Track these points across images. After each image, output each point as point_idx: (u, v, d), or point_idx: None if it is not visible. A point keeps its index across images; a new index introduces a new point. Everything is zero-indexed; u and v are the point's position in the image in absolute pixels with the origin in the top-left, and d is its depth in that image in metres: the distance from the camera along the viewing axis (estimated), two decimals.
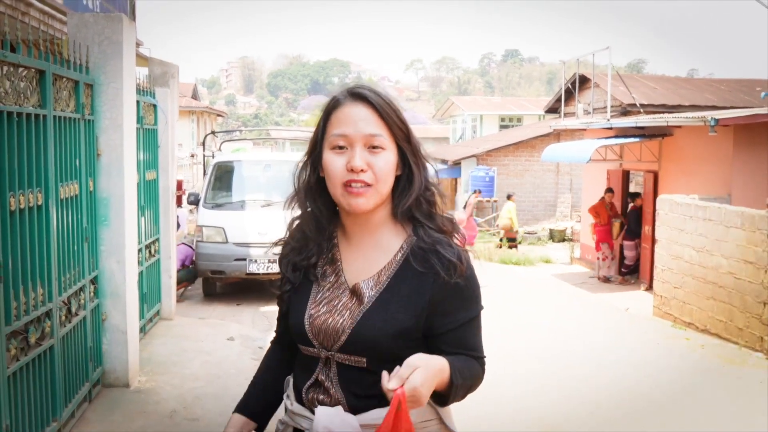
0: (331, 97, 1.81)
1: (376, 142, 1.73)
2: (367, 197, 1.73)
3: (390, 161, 1.75)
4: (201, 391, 5.94)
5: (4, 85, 3.93)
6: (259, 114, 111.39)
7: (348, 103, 1.76)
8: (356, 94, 1.76)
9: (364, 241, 1.83)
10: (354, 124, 1.73)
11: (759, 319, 7.98)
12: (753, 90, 18.01)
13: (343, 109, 1.76)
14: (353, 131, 1.72)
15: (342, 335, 1.75)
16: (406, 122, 1.79)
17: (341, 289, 1.81)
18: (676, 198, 10.15)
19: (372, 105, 1.74)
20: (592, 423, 5.78)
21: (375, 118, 1.73)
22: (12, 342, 3.95)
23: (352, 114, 1.74)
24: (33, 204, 4.27)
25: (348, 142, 1.73)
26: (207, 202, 10.94)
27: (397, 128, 1.76)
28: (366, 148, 1.73)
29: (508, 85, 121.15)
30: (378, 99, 1.75)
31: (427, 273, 1.75)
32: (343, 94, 1.78)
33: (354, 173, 1.71)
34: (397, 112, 1.77)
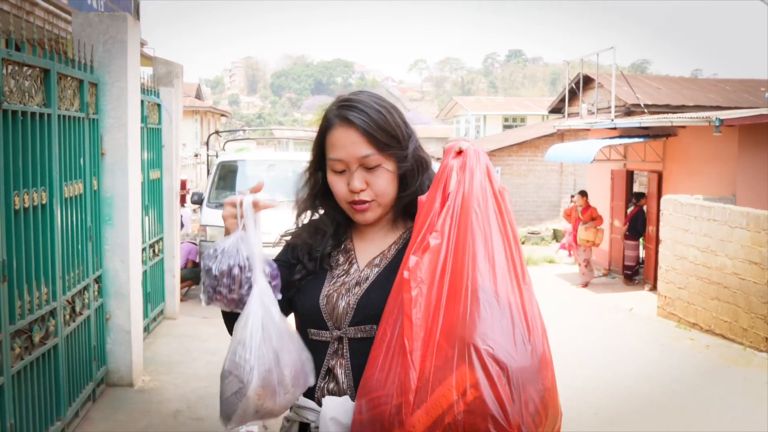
0: (324, 116, 1.87)
1: (371, 163, 1.80)
2: (371, 211, 1.84)
3: (387, 176, 1.82)
4: (205, 391, 5.93)
5: (9, 84, 3.93)
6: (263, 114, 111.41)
7: (337, 125, 1.82)
8: (343, 118, 1.81)
9: (376, 235, 1.93)
10: (345, 149, 1.80)
11: (764, 319, 7.96)
12: (757, 90, 17.98)
13: (334, 132, 1.82)
14: (345, 155, 1.80)
15: (353, 307, 1.80)
16: (397, 132, 1.82)
17: (354, 272, 1.87)
18: (680, 198, 10.13)
19: (358, 128, 1.79)
20: (597, 422, 5.77)
21: (363, 140, 1.79)
22: (16, 341, 3.95)
23: (342, 139, 1.81)
24: (37, 203, 4.27)
25: (345, 166, 1.81)
26: (211, 202, 10.94)
27: (386, 143, 1.80)
28: (362, 168, 1.80)
29: (511, 85, 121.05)
30: (362, 121, 1.79)
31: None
32: (333, 114, 1.84)
33: (355, 194, 1.81)
34: (385, 125, 1.80)
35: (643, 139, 13.08)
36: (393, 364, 1.59)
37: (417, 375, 1.53)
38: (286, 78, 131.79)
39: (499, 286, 1.59)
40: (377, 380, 1.60)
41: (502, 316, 1.56)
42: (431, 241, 1.62)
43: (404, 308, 1.59)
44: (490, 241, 1.63)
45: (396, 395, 1.55)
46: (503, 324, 1.56)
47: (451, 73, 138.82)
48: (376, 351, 1.65)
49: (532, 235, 19.61)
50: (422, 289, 1.59)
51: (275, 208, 1.88)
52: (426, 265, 1.61)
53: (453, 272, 1.60)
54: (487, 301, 1.56)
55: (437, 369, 1.52)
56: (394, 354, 1.59)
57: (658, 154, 13.19)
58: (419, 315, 1.57)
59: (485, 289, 1.57)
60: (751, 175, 10.59)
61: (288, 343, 1.69)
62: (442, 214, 1.65)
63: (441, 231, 1.63)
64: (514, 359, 1.53)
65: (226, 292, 1.71)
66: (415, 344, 1.55)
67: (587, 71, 17.66)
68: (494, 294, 1.58)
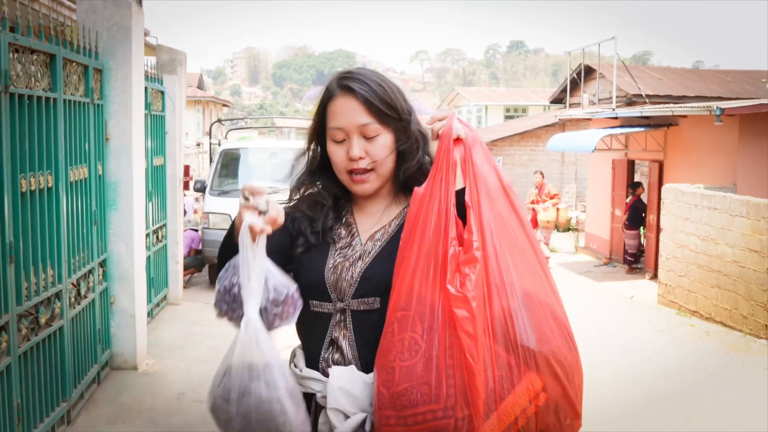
0: (326, 87, 1.91)
1: (369, 132, 1.84)
2: (370, 182, 1.87)
3: (385, 145, 1.86)
4: (208, 374, 5.90)
5: (16, 68, 3.97)
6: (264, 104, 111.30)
7: (338, 95, 1.86)
8: (344, 87, 1.86)
9: (376, 209, 1.95)
10: (346, 117, 1.84)
11: (763, 306, 8.01)
12: (758, 81, 17.98)
13: (335, 101, 1.87)
14: (346, 123, 1.84)
15: (357, 279, 1.83)
16: (395, 103, 1.86)
17: (356, 245, 1.90)
18: (681, 187, 10.17)
19: (358, 96, 1.84)
20: (596, 406, 5.82)
21: (363, 109, 1.83)
22: (23, 322, 4.00)
23: (343, 107, 1.85)
24: (43, 186, 4.32)
25: (345, 134, 1.85)
26: (213, 189, 10.98)
27: (385, 113, 1.85)
28: (361, 137, 1.84)
29: (513, 76, 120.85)
30: (363, 90, 1.83)
31: None
32: (335, 85, 1.88)
33: (354, 162, 1.84)
34: (384, 96, 1.85)
35: (644, 128, 13.10)
36: (443, 377, 1.59)
37: (483, 387, 1.58)
38: (288, 69, 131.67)
39: (537, 287, 1.69)
40: (423, 394, 1.60)
41: (548, 317, 1.67)
42: (476, 253, 1.64)
43: (461, 325, 1.59)
44: (517, 243, 1.69)
45: (460, 408, 1.57)
46: (552, 325, 1.67)
47: (452, 64, 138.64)
48: (408, 361, 1.63)
49: None
50: (478, 304, 1.61)
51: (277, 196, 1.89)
52: (476, 278, 1.62)
53: (498, 281, 1.64)
54: (533, 305, 1.65)
55: (502, 378, 1.60)
56: (441, 367, 1.60)
57: (659, 143, 13.22)
58: (480, 330, 1.60)
59: (528, 294, 1.66)
60: (752, 165, 10.62)
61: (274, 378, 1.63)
62: (472, 222, 1.66)
63: (479, 241, 1.65)
64: (567, 357, 1.66)
65: (227, 309, 1.71)
66: (479, 361, 1.58)
67: (589, 62, 17.66)
68: (536, 296, 1.67)
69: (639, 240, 13.65)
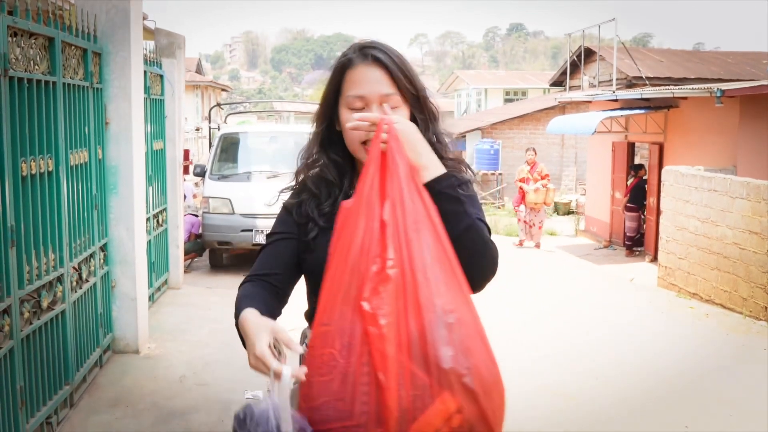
0: (342, 54, 1.89)
1: (391, 102, 1.82)
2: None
3: (404, 117, 1.84)
4: (210, 358, 6.01)
5: (15, 52, 3.96)
6: (263, 89, 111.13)
7: (360, 63, 1.84)
8: (368, 55, 1.84)
9: None
10: (369, 85, 1.82)
11: (763, 288, 8.03)
12: (759, 62, 17.95)
13: (356, 69, 1.85)
14: (369, 92, 1.82)
15: None
16: (414, 79, 1.88)
17: None
18: (681, 169, 10.16)
19: (384, 66, 1.83)
20: (597, 387, 5.85)
21: (387, 79, 1.83)
22: (25, 305, 4.01)
23: (366, 75, 1.83)
24: (44, 170, 4.31)
25: (364, 102, 1.83)
26: (213, 174, 10.97)
27: (407, 89, 1.85)
28: (381, 107, 1.82)
29: (512, 59, 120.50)
30: (389, 60, 1.83)
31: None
32: (355, 53, 1.86)
33: (371, 132, 1.79)
34: (406, 71, 1.86)
35: (644, 110, 13.07)
36: (357, 394, 1.58)
37: (396, 405, 1.55)
38: (287, 53, 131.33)
39: (457, 305, 1.63)
40: (338, 410, 1.59)
41: (467, 336, 1.62)
42: (389, 271, 1.61)
43: (373, 343, 1.57)
44: (437, 261, 1.65)
45: (373, 425, 1.56)
46: (470, 344, 1.62)
47: (451, 48, 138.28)
48: (325, 377, 1.61)
49: None
50: (390, 320, 1.58)
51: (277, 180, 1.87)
52: (387, 296, 1.59)
53: (413, 299, 1.60)
54: (451, 323, 1.60)
55: (416, 398, 1.56)
56: (356, 384, 1.58)
57: (660, 125, 13.19)
58: (392, 348, 1.57)
59: (446, 310, 1.61)
60: (752, 146, 10.61)
61: None
62: (388, 239, 1.63)
63: (395, 259, 1.62)
64: (485, 377, 1.62)
65: None
66: (391, 379, 1.56)
67: (589, 44, 17.60)
68: (454, 314, 1.62)
69: (639, 222, 13.64)
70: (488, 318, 1.80)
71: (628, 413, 5.33)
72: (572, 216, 18.52)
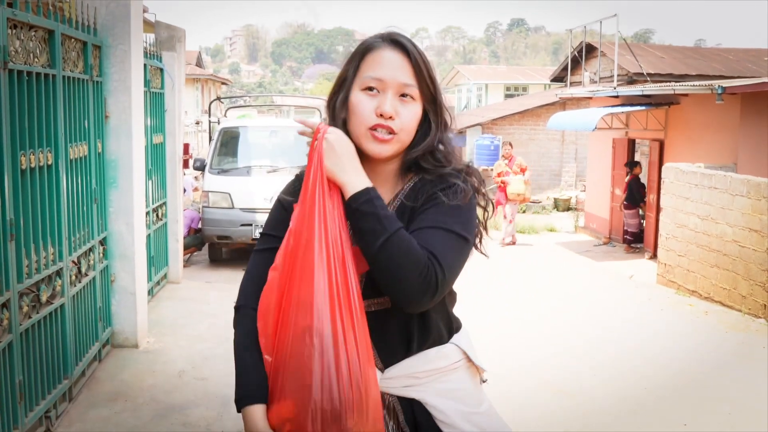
0: (366, 39, 1.82)
1: (408, 92, 1.75)
2: (390, 145, 1.75)
3: (417, 113, 1.78)
4: (209, 352, 6.01)
5: (14, 44, 3.95)
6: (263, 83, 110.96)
7: (385, 47, 1.77)
8: (395, 41, 1.78)
9: (377, 185, 1.80)
10: (390, 69, 1.75)
11: (762, 286, 8.02)
12: (760, 59, 17.91)
13: (379, 52, 1.77)
14: (389, 76, 1.74)
15: (362, 281, 1.75)
16: (435, 80, 1.81)
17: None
18: (681, 166, 10.14)
19: (409, 55, 1.77)
20: (596, 384, 5.85)
21: (410, 69, 1.76)
22: (24, 299, 4.01)
23: (389, 59, 1.76)
24: (43, 163, 4.30)
25: (381, 87, 1.74)
26: (213, 168, 10.95)
27: (427, 84, 1.78)
28: (396, 96, 1.75)
29: (513, 54, 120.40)
30: (414, 51, 1.77)
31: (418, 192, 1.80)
32: (381, 38, 1.80)
33: (383, 118, 1.73)
34: (429, 68, 1.79)
35: (645, 107, 13.04)
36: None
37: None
38: (287, 47, 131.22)
39: (335, 325, 1.63)
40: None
41: (327, 365, 1.62)
42: (271, 272, 1.72)
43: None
44: (313, 280, 1.64)
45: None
46: (326, 373, 1.62)
47: (452, 42, 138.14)
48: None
49: (533, 204, 19.63)
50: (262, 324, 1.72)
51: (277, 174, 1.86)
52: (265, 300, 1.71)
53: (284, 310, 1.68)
54: (321, 349, 1.62)
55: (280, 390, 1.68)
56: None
57: (660, 122, 13.17)
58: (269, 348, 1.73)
59: (321, 334, 1.62)
60: (753, 144, 10.59)
61: None
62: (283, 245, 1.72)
63: (280, 267, 1.70)
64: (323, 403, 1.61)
65: None
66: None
67: (590, 40, 17.55)
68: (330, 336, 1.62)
69: (638, 219, 13.62)
70: (488, 316, 1.80)
71: (628, 411, 5.33)
72: (572, 212, 18.50)
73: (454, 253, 1.68)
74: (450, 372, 1.86)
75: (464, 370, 1.90)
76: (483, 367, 1.96)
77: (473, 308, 6.79)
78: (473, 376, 1.94)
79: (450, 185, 1.76)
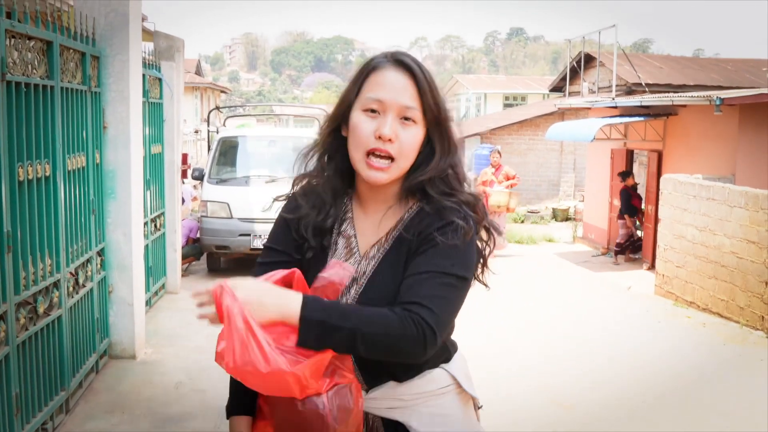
0: (371, 59, 1.78)
1: (409, 115, 1.70)
2: (386, 173, 1.71)
3: (417, 137, 1.73)
4: (207, 363, 5.98)
5: (12, 56, 3.95)
6: (263, 91, 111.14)
7: (389, 68, 1.72)
8: (400, 62, 1.73)
9: (377, 209, 1.81)
10: (392, 91, 1.69)
11: (760, 298, 8.01)
12: (759, 70, 17.95)
13: (383, 72, 1.72)
14: (390, 98, 1.69)
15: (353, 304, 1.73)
16: (440, 100, 1.75)
17: (353, 263, 1.78)
18: (679, 177, 10.15)
19: (414, 77, 1.71)
20: (593, 395, 5.83)
21: (413, 91, 1.70)
22: (21, 311, 4.00)
23: (392, 80, 1.71)
24: (41, 175, 4.30)
25: (382, 108, 1.70)
26: (211, 178, 10.95)
27: (430, 107, 1.73)
28: (397, 118, 1.70)
29: (512, 63, 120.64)
30: (420, 73, 1.72)
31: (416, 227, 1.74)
32: (386, 58, 1.75)
33: (381, 141, 1.68)
34: (434, 90, 1.74)
35: (643, 118, 13.07)
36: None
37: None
38: (286, 55, 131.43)
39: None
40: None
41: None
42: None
43: None
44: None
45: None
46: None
47: (451, 51, 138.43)
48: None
49: (531, 214, 19.64)
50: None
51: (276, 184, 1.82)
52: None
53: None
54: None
55: None
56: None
57: (659, 133, 13.19)
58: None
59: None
60: (751, 155, 10.60)
61: None
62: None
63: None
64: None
65: None
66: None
67: (588, 50, 17.60)
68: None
69: (626, 230, 13.59)
70: (485, 326, 1.77)
71: (625, 423, 5.32)
72: (570, 223, 18.50)
73: (448, 298, 1.64)
74: (438, 396, 1.81)
75: (453, 396, 1.84)
76: (475, 395, 1.90)
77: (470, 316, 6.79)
78: (465, 402, 1.88)
79: (448, 223, 1.69)
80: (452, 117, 1.80)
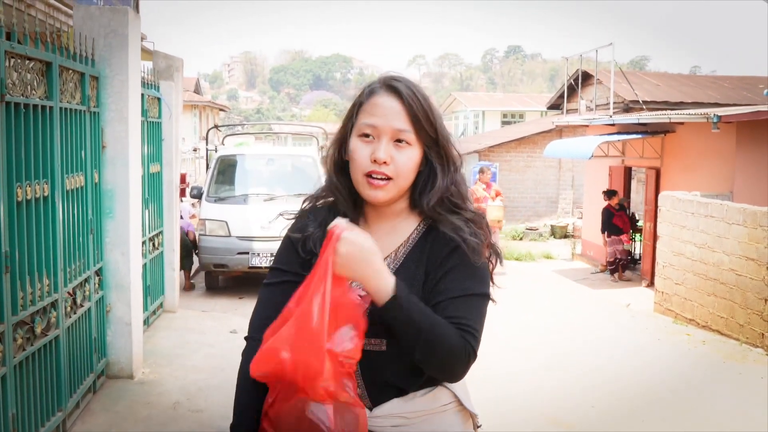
0: (367, 85, 1.85)
1: (403, 137, 1.77)
2: (386, 191, 1.78)
3: (413, 158, 1.79)
4: (204, 383, 5.97)
5: (12, 77, 3.96)
6: (261, 109, 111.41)
7: (382, 93, 1.80)
8: (391, 87, 1.80)
9: (382, 227, 1.87)
10: (383, 116, 1.77)
11: (760, 315, 8.01)
12: (756, 87, 18.03)
13: (376, 98, 1.80)
14: (382, 123, 1.77)
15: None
16: (435, 120, 1.82)
17: None
18: (677, 194, 10.17)
19: (404, 100, 1.78)
20: (593, 414, 5.81)
21: (405, 114, 1.77)
22: (18, 332, 3.98)
23: (383, 105, 1.78)
24: (39, 195, 4.30)
25: (375, 133, 1.77)
26: (210, 196, 10.96)
27: (424, 128, 1.79)
28: (392, 141, 1.77)
29: (510, 81, 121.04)
30: (411, 95, 1.78)
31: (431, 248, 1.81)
32: (379, 84, 1.82)
33: (376, 164, 1.75)
34: (427, 110, 1.80)
35: (641, 135, 13.12)
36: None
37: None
38: (285, 73, 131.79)
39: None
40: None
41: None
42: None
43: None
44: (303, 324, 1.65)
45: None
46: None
47: (449, 69, 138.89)
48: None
49: (530, 231, 19.64)
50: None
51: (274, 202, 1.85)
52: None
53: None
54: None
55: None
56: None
57: (656, 150, 13.23)
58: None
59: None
60: (749, 172, 10.63)
61: None
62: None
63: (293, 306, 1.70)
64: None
65: None
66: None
67: (586, 68, 17.69)
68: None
69: (613, 247, 13.66)
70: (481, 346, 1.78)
71: None
72: (569, 240, 18.51)
73: (483, 317, 1.79)
74: (439, 414, 1.84)
75: (454, 414, 1.88)
76: (475, 412, 1.94)
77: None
78: (464, 421, 1.91)
79: (463, 241, 1.78)
80: (449, 136, 1.85)
